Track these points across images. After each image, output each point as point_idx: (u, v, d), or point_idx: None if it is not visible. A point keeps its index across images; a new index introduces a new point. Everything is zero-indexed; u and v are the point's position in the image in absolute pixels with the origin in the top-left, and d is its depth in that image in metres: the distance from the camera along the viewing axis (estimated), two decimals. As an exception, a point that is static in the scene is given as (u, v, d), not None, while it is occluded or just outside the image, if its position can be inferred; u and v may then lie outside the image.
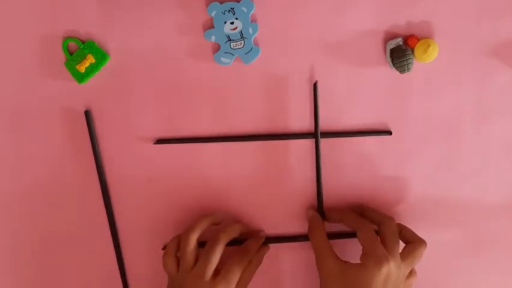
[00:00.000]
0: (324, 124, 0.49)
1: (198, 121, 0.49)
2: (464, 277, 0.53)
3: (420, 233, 0.47)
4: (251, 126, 0.49)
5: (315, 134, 0.49)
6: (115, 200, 0.50)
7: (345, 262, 0.45)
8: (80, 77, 0.46)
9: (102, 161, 0.49)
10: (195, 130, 0.49)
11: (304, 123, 0.49)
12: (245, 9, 0.46)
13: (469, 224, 0.52)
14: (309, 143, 0.50)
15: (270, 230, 0.52)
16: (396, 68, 0.47)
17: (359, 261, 0.44)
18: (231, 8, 0.45)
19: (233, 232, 0.48)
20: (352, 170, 0.50)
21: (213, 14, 0.46)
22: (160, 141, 0.48)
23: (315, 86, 0.48)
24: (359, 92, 0.49)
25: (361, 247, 0.45)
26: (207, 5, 0.46)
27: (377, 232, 0.46)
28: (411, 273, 0.47)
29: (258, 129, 0.49)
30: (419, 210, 0.52)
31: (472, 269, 0.53)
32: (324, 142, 0.49)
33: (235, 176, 0.50)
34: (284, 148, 0.50)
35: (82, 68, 0.46)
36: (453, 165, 0.51)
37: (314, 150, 0.49)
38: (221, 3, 0.45)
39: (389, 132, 0.49)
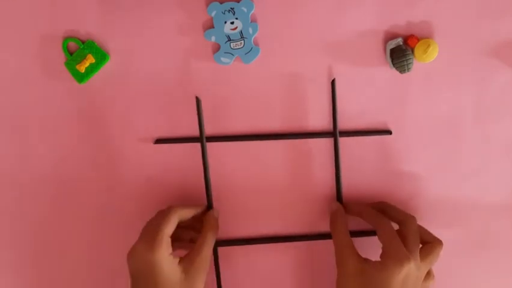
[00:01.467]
0: (325, 123, 0.49)
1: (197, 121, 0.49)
2: (464, 277, 0.53)
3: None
4: (251, 125, 0.49)
5: (334, 133, 0.48)
6: (116, 199, 0.50)
7: (365, 260, 0.44)
8: (80, 77, 0.46)
9: (104, 160, 0.49)
10: (195, 130, 0.49)
11: (305, 122, 0.49)
12: (245, 9, 0.46)
13: (469, 224, 0.52)
14: (310, 141, 0.50)
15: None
16: (396, 68, 0.47)
17: (379, 259, 0.44)
18: (231, 8, 0.45)
19: (186, 209, 0.46)
20: (353, 168, 0.50)
21: (213, 14, 0.46)
22: (159, 140, 0.48)
23: (332, 83, 0.47)
24: (359, 92, 0.49)
25: (380, 245, 0.44)
26: (207, 5, 0.46)
27: (397, 230, 0.45)
28: (429, 275, 0.46)
29: (258, 129, 0.49)
30: (419, 210, 0.51)
31: (472, 269, 0.53)
32: (326, 141, 0.49)
33: (234, 176, 0.50)
34: (284, 147, 0.50)
35: (82, 68, 0.46)
36: (453, 165, 0.51)
37: (315, 149, 0.49)
38: (221, 3, 0.45)
39: (389, 132, 0.49)
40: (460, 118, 0.50)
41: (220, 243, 0.50)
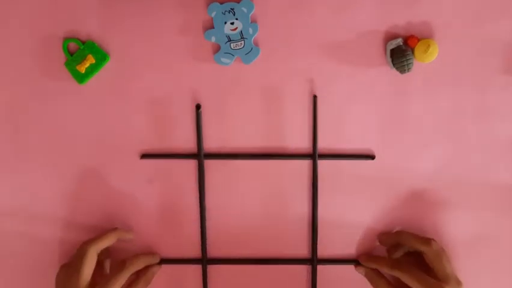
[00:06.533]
0: (325, 123, 0.49)
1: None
2: (463, 277, 0.53)
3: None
4: (251, 124, 0.49)
5: (313, 153, 0.49)
6: (116, 202, 0.50)
7: None
8: (81, 78, 0.46)
9: (104, 159, 0.49)
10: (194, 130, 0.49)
11: (304, 122, 0.49)
12: (245, 10, 0.46)
13: (469, 223, 0.52)
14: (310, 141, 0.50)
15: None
16: (397, 68, 0.47)
17: None
18: (231, 9, 0.45)
19: (140, 263, 0.47)
20: (352, 167, 0.51)
21: (213, 14, 0.46)
22: (146, 156, 0.48)
23: (314, 99, 0.48)
24: (359, 92, 0.49)
25: None
26: (207, 5, 0.46)
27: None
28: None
29: (258, 129, 0.49)
30: (419, 210, 0.52)
31: (471, 269, 0.53)
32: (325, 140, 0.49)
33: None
34: (285, 147, 0.50)
35: (82, 68, 0.46)
36: (453, 165, 0.51)
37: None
38: (221, 3, 0.45)
39: (372, 157, 0.50)
40: (460, 118, 0.50)
41: (209, 261, 0.50)
